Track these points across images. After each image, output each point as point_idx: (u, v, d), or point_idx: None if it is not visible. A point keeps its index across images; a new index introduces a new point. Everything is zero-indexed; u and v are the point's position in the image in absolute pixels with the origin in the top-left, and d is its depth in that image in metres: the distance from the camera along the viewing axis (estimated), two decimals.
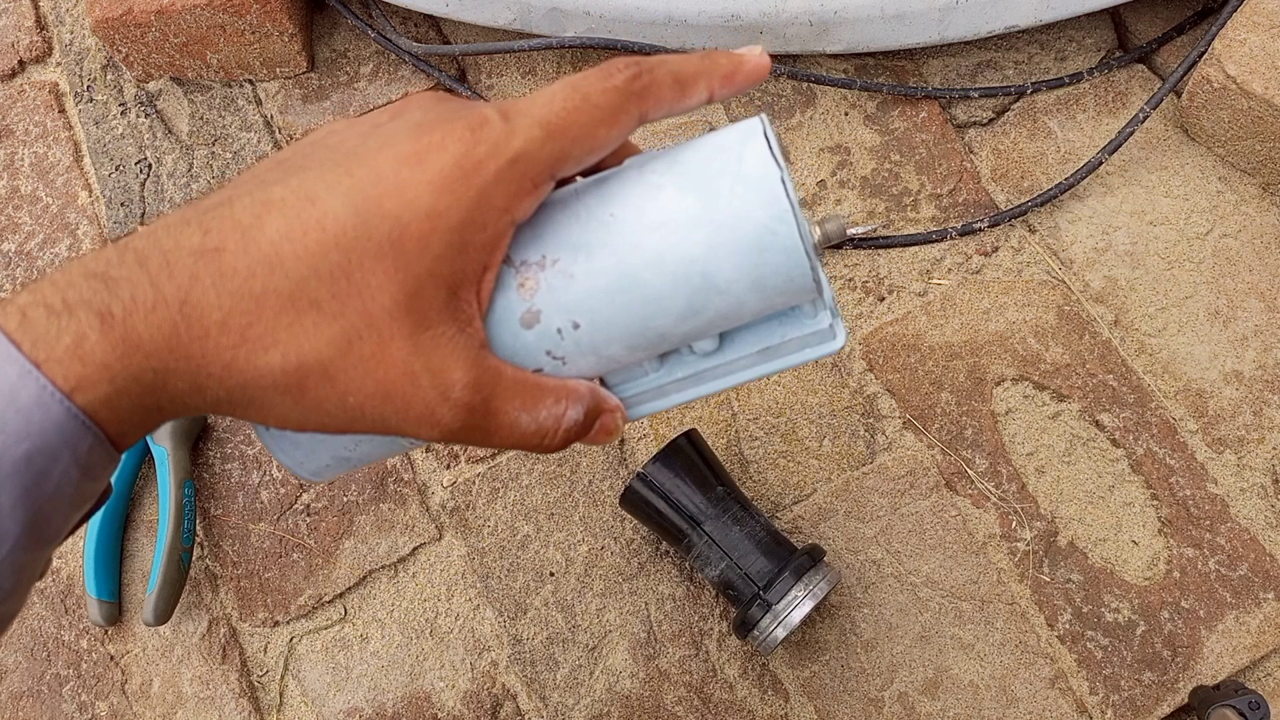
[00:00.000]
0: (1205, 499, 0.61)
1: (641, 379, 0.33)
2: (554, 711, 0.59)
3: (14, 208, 0.73)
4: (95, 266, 0.26)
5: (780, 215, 0.28)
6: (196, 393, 0.27)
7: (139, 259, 0.26)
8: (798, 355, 0.33)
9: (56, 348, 0.25)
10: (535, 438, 0.30)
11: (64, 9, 0.79)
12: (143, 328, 0.26)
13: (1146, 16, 0.75)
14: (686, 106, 0.30)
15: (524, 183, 0.27)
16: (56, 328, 0.25)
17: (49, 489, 0.26)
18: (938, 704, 0.58)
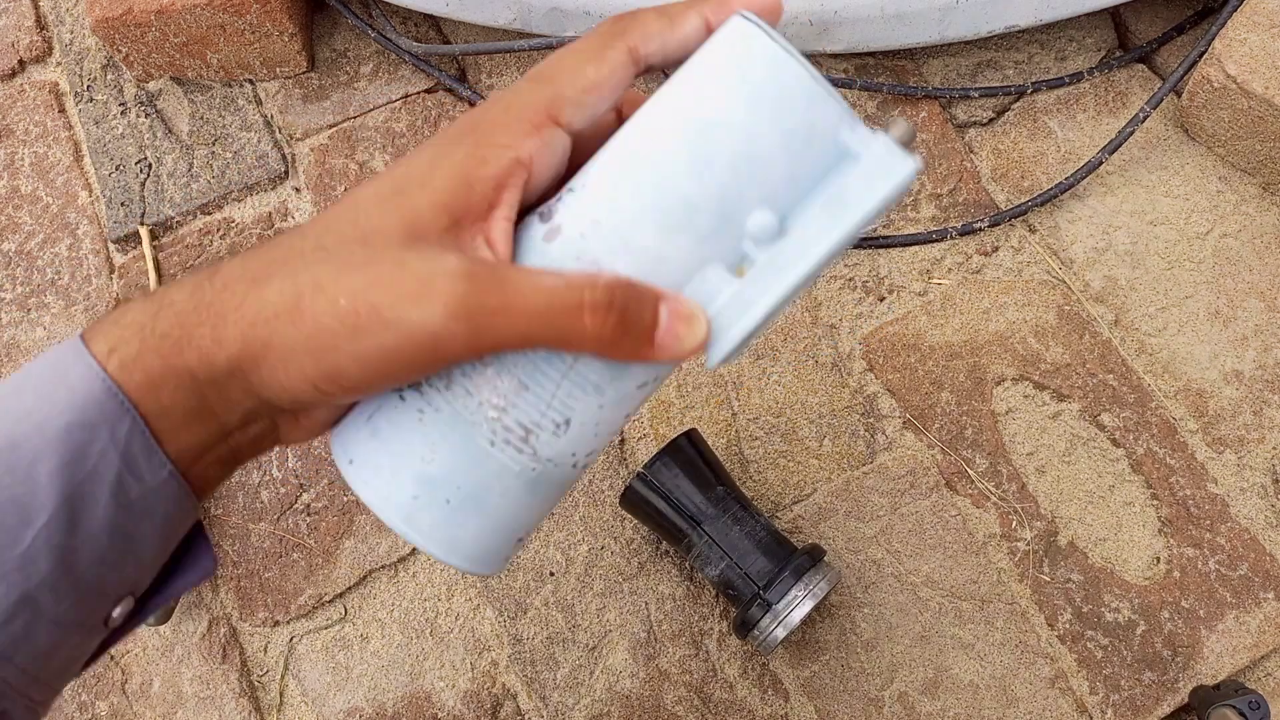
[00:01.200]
0: (1205, 499, 0.61)
1: (717, 292, 0.29)
2: (554, 711, 0.59)
3: (14, 207, 0.73)
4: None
5: (752, 33, 0.28)
6: (217, 345, 0.28)
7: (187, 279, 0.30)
8: (869, 196, 0.28)
9: (102, 322, 0.28)
10: (563, 311, 0.27)
11: (64, 9, 0.79)
12: (175, 291, 0.28)
13: (1146, 16, 0.75)
14: (680, 36, 0.30)
15: (521, 124, 0.28)
16: (109, 315, 0.29)
17: (87, 466, 0.27)
18: (938, 704, 0.58)
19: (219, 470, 0.31)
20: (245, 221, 0.72)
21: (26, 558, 0.27)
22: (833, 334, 0.67)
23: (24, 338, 0.69)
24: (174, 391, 0.28)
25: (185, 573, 0.32)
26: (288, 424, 0.32)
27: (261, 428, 0.31)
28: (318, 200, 0.73)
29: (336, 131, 0.75)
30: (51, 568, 0.27)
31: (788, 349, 0.66)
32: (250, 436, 0.31)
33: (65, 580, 0.28)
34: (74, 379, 0.27)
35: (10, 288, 0.71)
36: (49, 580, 0.27)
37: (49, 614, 0.28)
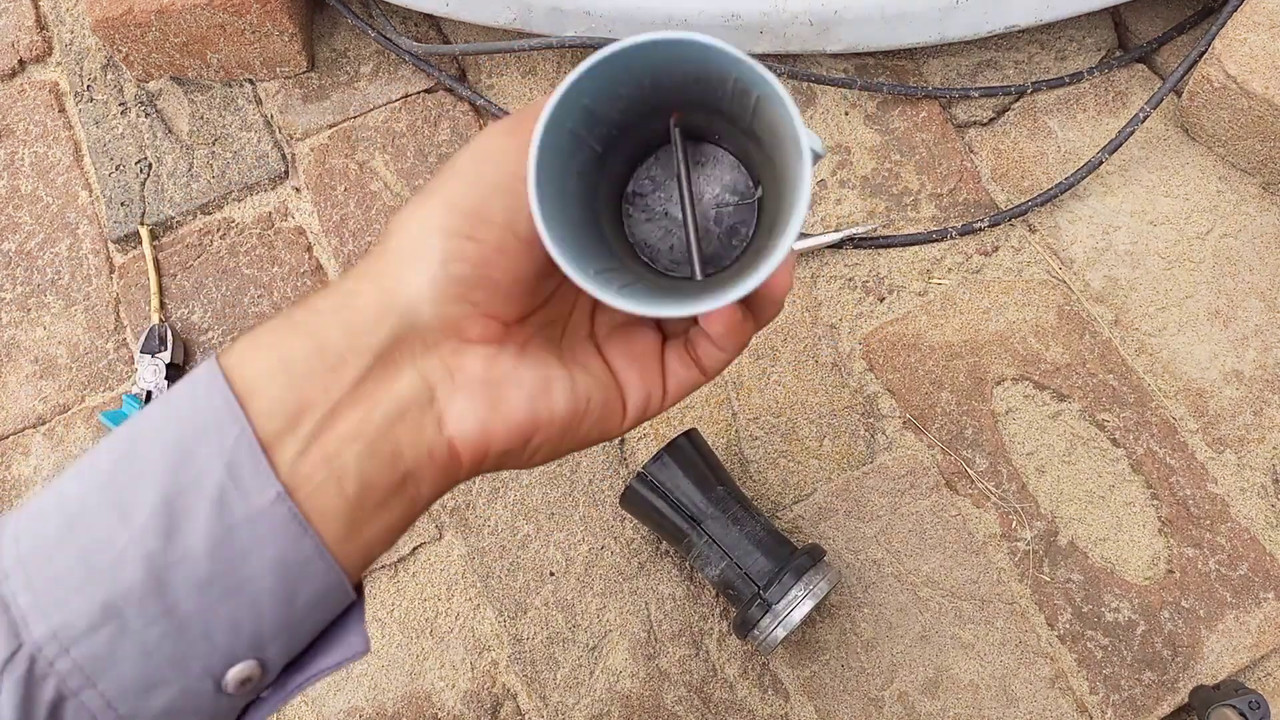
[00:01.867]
0: (1205, 498, 0.61)
1: None
2: (554, 711, 0.59)
3: (14, 207, 0.73)
4: None
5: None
6: (343, 282, 0.29)
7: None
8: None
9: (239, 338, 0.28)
10: None
11: (64, 8, 0.79)
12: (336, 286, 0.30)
13: (1147, 16, 0.75)
14: None
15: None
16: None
17: (190, 473, 0.26)
18: (938, 703, 0.58)
19: (368, 488, 0.28)
20: (245, 221, 0.72)
21: (117, 560, 0.25)
22: (833, 334, 0.67)
23: (24, 338, 0.69)
24: (284, 336, 0.28)
25: (328, 650, 0.29)
26: (444, 381, 0.29)
27: (405, 388, 0.29)
28: (317, 200, 0.73)
29: (336, 131, 0.75)
30: (142, 577, 0.25)
31: (788, 349, 0.66)
32: (396, 404, 0.28)
33: (156, 598, 0.25)
34: (199, 385, 0.27)
35: (10, 288, 0.71)
36: (137, 591, 0.25)
37: (136, 635, 0.25)
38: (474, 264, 0.29)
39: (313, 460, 0.27)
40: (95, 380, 0.68)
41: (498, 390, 0.30)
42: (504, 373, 0.30)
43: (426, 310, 0.28)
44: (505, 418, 0.30)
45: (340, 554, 0.28)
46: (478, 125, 0.74)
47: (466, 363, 0.29)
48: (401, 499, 0.29)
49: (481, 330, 0.29)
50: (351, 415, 0.27)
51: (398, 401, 0.28)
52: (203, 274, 0.70)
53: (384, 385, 0.28)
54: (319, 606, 0.28)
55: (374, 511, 0.28)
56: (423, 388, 0.29)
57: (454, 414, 0.29)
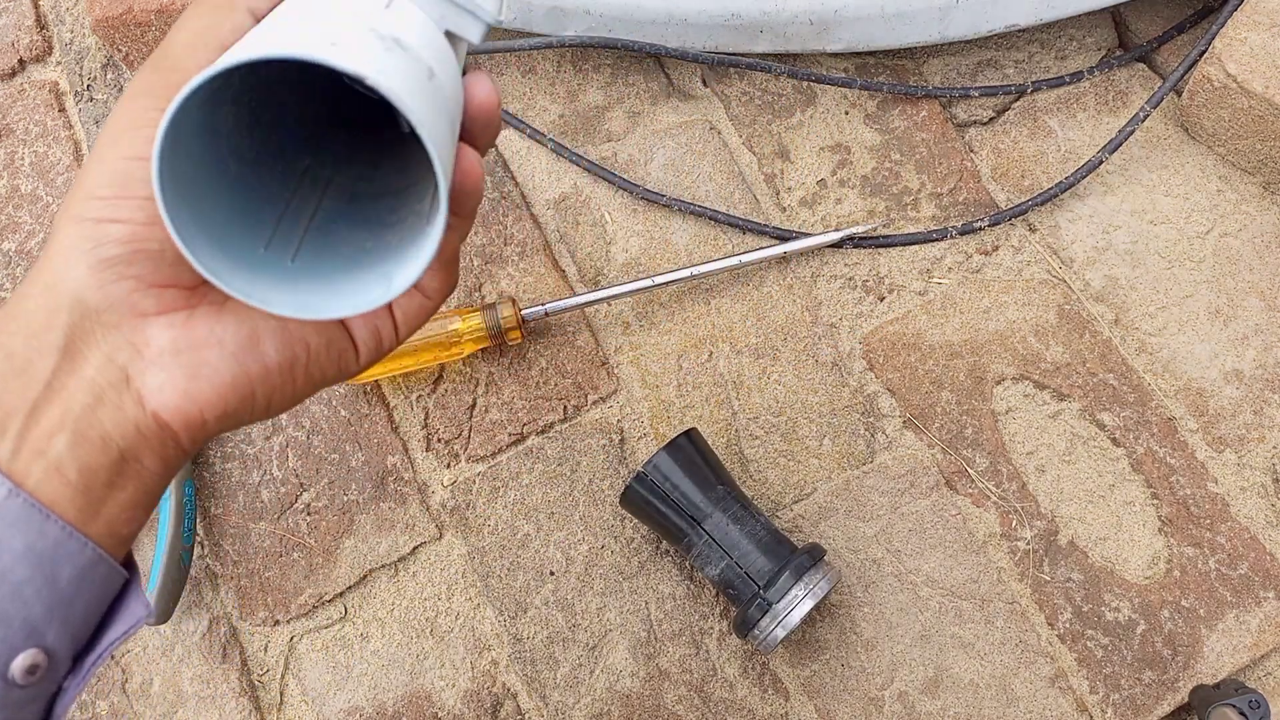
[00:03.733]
0: (1205, 498, 0.61)
1: None
2: (554, 710, 0.59)
3: (14, 207, 0.73)
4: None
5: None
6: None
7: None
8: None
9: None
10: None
11: (64, 8, 0.79)
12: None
13: (1147, 15, 0.75)
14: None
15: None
16: None
17: None
18: (938, 703, 0.58)
19: (89, 471, 0.29)
20: None
21: None
22: (833, 333, 0.67)
23: None
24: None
25: (113, 624, 0.30)
26: (133, 358, 0.30)
27: (98, 372, 0.29)
28: None
29: None
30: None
31: (788, 348, 0.66)
32: (90, 388, 0.29)
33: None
34: None
35: (10, 287, 0.71)
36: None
37: None
38: (123, 243, 0.29)
39: (27, 456, 0.28)
40: None
41: (195, 354, 0.30)
42: (200, 336, 0.30)
43: (92, 296, 0.29)
44: (210, 380, 0.30)
45: (88, 533, 0.29)
46: None
47: (152, 336, 0.30)
48: (128, 477, 0.30)
49: (157, 302, 0.30)
50: (52, 410, 0.28)
51: (91, 388, 0.29)
52: None
53: (74, 376, 0.29)
54: (86, 584, 0.29)
55: (105, 492, 0.29)
56: (113, 369, 0.29)
57: (151, 388, 0.29)
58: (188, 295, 0.30)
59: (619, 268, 0.69)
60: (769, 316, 0.67)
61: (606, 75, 0.75)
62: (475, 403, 0.65)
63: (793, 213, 0.71)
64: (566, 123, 0.74)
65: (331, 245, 0.34)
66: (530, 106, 0.75)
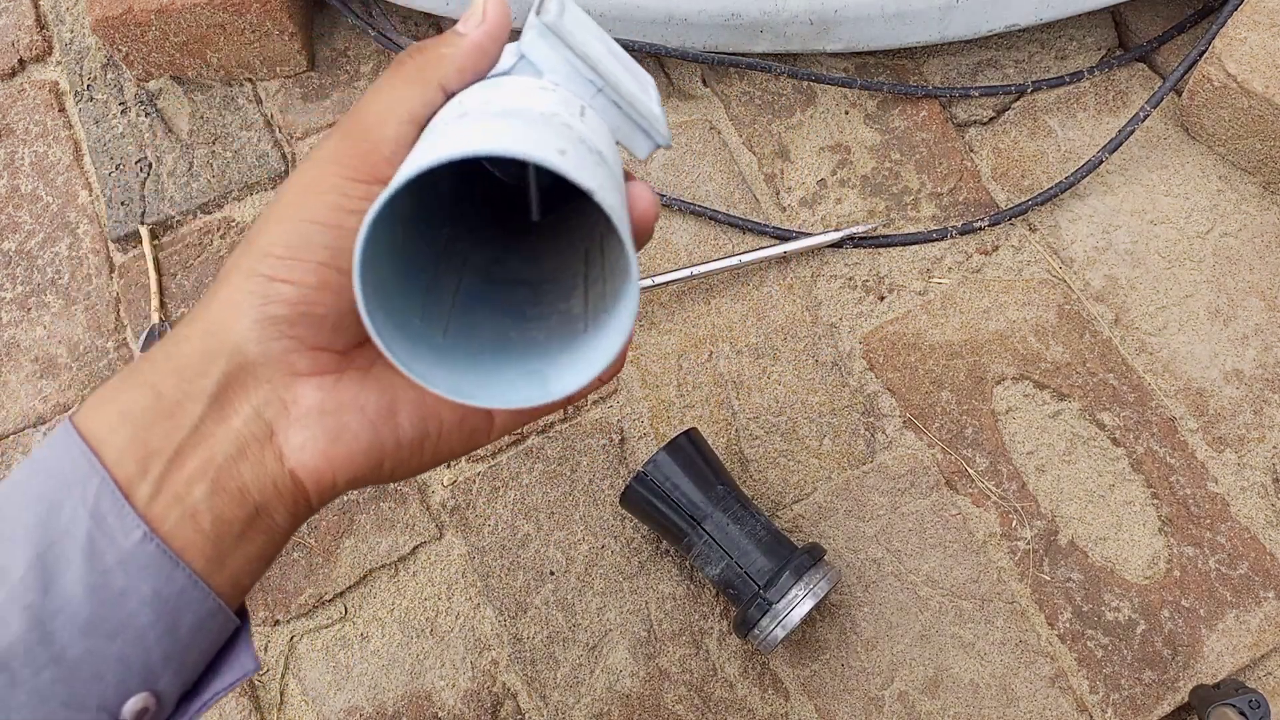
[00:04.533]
0: (1205, 498, 0.61)
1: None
2: (554, 710, 0.59)
3: (14, 206, 0.73)
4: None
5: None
6: (182, 328, 0.30)
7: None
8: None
9: (89, 398, 0.30)
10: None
11: (64, 8, 0.79)
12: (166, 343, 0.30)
13: (1147, 15, 0.75)
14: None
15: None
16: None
17: (59, 526, 0.27)
18: (938, 703, 0.58)
19: (223, 522, 0.29)
20: (245, 221, 0.72)
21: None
22: (833, 333, 0.67)
23: (24, 337, 0.69)
24: (126, 391, 0.29)
25: (221, 673, 0.31)
26: (279, 414, 0.30)
27: (244, 425, 0.30)
28: None
29: None
30: (25, 629, 0.26)
31: (788, 348, 0.66)
32: (235, 440, 0.29)
33: (42, 647, 0.27)
34: (57, 444, 0.28)
35: (10, 287, 0.71)
36: (23, 643, 0.26)
37: (27, 684, 0.27)
38: (292, 304, 0.29)
39: (165, 501, 0.28)
40: (95, 380, 0.68)
41: (338, 418, 0.31)
42: (344, 401, 0.31)
43: (252, 349, 0.29)
44: (348, 445, 0.31)
45: (212, 583, 0.29)
46: None
47: (301, 395, 0.30)
48: (258, 530, 0.30)
49: (311, 363, 0.30)
50: (195, 457, 0.29)
51: (236, 439, 0.29)
52: (203, 273, 0.70)
53: (222, 425, 0.29)
54: (203, 633, 0.30)
55: (234, 544, 0.30)
56: (259, 423, 0.30)
57: (292, 447, 0.30)
58: (338, 360, 0.31)
59: None
60: (769, 316, 0.67)
61: None
62: None
63: (793, 212, 0.71)
64: None
65: (476, 325, 0.35)
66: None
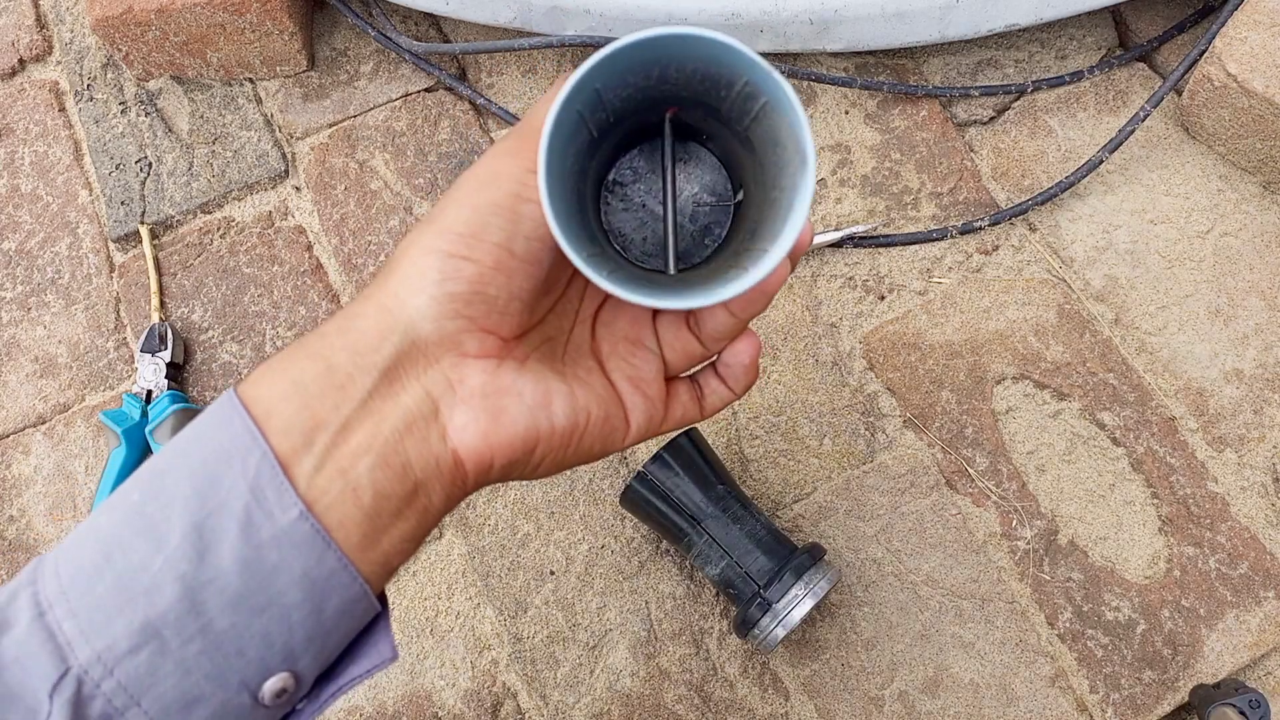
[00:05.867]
0: (1206, 497, 0.61)
1: None
2: (554, 710, 0.59)
3: (14, 206, 0.73)
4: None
5: None
6: (354, 306, 0.30)
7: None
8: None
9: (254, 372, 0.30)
10: None
11: (64, 8, 0.79)
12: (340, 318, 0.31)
13: (1147, 15, 0.75)
14: None
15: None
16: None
17: (217, 497, 0.27)
18: (938, 702, 0.58)
19: (382, 498, 0.29)
20: (245, 220, 0.72)
21: (153, 584, 0.27)
22: (833, 333, 0.67)
23: (24, 337, 0.69)
24: (298, 361, 0.29)
25: (358, 659, 0.31)
26: (445, 392, 0.30)
27: (411, 401, 0.30)
28: (318, 199, 0.73)
29: (336, 130, 0.75)
30: (177, 598, 0.27)
31: (788, 348, 0.66)
32: (403, 417, 0.29)
33: (192, 617, 0.27)
34: (222, 413, 0.28)
35: (10, 287, 0.71)
36: (174, 612, 0.27)
37: (175, 654, 0.27)
38: (470, 282, 0.30)
39: (328, 474, 0.28)
40: (95, 379, 0.68)
41: (498, 402, 0.31)
42: (504, 385, 0.31)
43: (426, 327, 0.30)
44: (506, 428, 0.31)
45: (361, 564, 0.29)
46: (478, 124, 0.74)
47: (467, 376, 0.31)
48: (414, 509, 0.30)
49: (480, 345, 0.31)
50: (361, 430, 0.29)
51: (404, 414, 0.29)
52: (203, 273, 0.70)
53: (390, 400, 0.29)
54: (346, 617, 0.29)
55: (390, 521, 0.29)
56: (427, 401, 0.30)
57: (456, 425, 0.30)
58: (501, 346, 0.31)
59: None
60: (769, 316, 0.67)
61: None
62: None
63: None
64: None
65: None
66: (530, 106, 0.74)
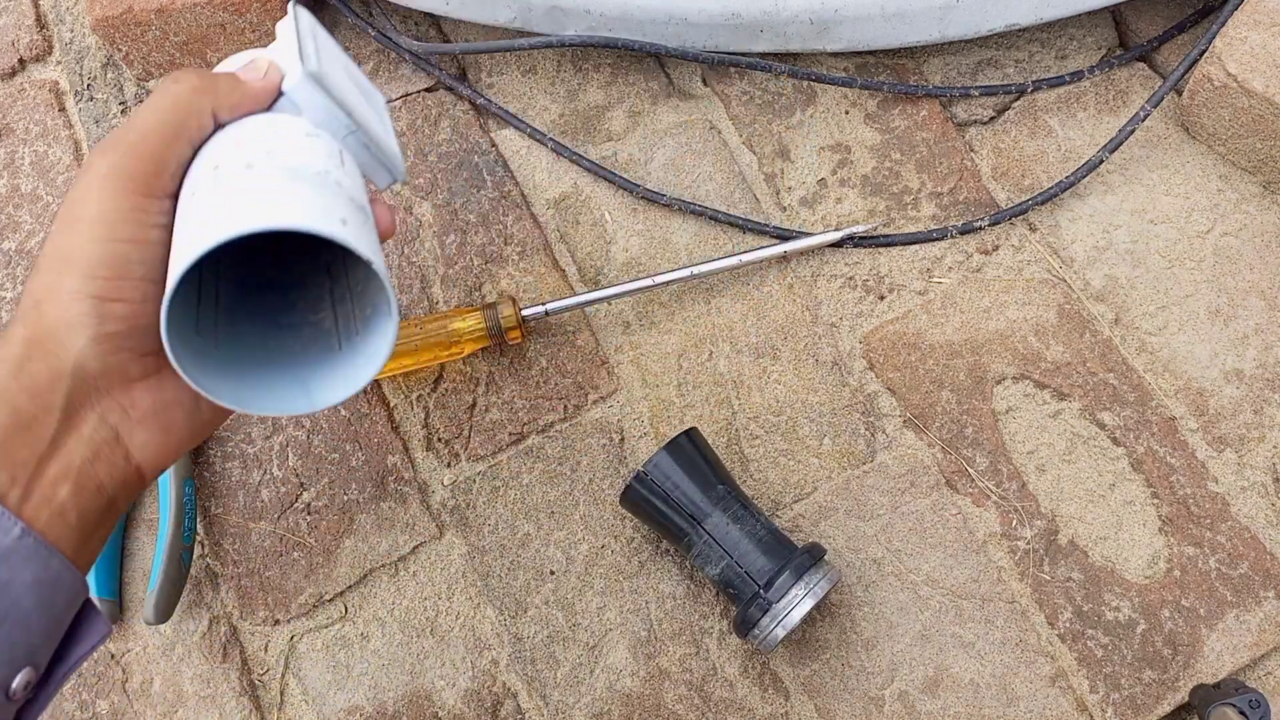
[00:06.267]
0: (1206, 497, 0.61)
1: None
2: (554, 710, 0.59)
3: (14, 206, 0.73)
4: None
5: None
6: (8, 341, 0.34)
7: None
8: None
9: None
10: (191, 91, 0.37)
11: (64, 7, 0.79)
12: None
13: (1147, 15, 0.75)
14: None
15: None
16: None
17: None
18: (938, 702, 0.58)
19: (72, 501, 0.34)
20: None
21: None
22: (833, 333, 0.67)
23: None
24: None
25: (80, 640, 0.35)
26: (122, 420, 0.36)
27: (95, 431, 0.35)
28: None
29: None
30: None
31: (788, 348, 0.66)
32: (90, 445, 0.34)
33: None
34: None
35: (11, 287, 0.71)
36: None
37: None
38: (124, 320, 0.34)
39: (35, 502, 0.33)
40: None
41: (167, 417, 0.37)
42: (168, 399, 0.37)
43: (92, 365, 0.34)
44: (176, 436, 0.37)
45: (79, 564, 0.34)
46: (478, 124, 0.74)
47: (137, 400, 0.36)
48: (112, 516, 0.36)
49: (141, 368, 0.36)
50: (56, 463, 0.34)
51: (90, 445, 0.35)
52: None
53: (74, 434, 0.34)
54: (70, 609, 0.34)
55: (94, 529, 0.35)
56: (105, 429, 0.35)
57: (136, 445, 0.36)
58: (157, 359, 0.36)
59: (619, 267, 0.69)
60: (769, 316, 0.67)
61: (606, 75, 0.75)
62: (475, 402, 0.65)
63: (793, 212, 0.71)
64: (566, 122, 0.74)
65: (241, 334, 0.40)
66: (530, 106, 0.74)
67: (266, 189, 0.34)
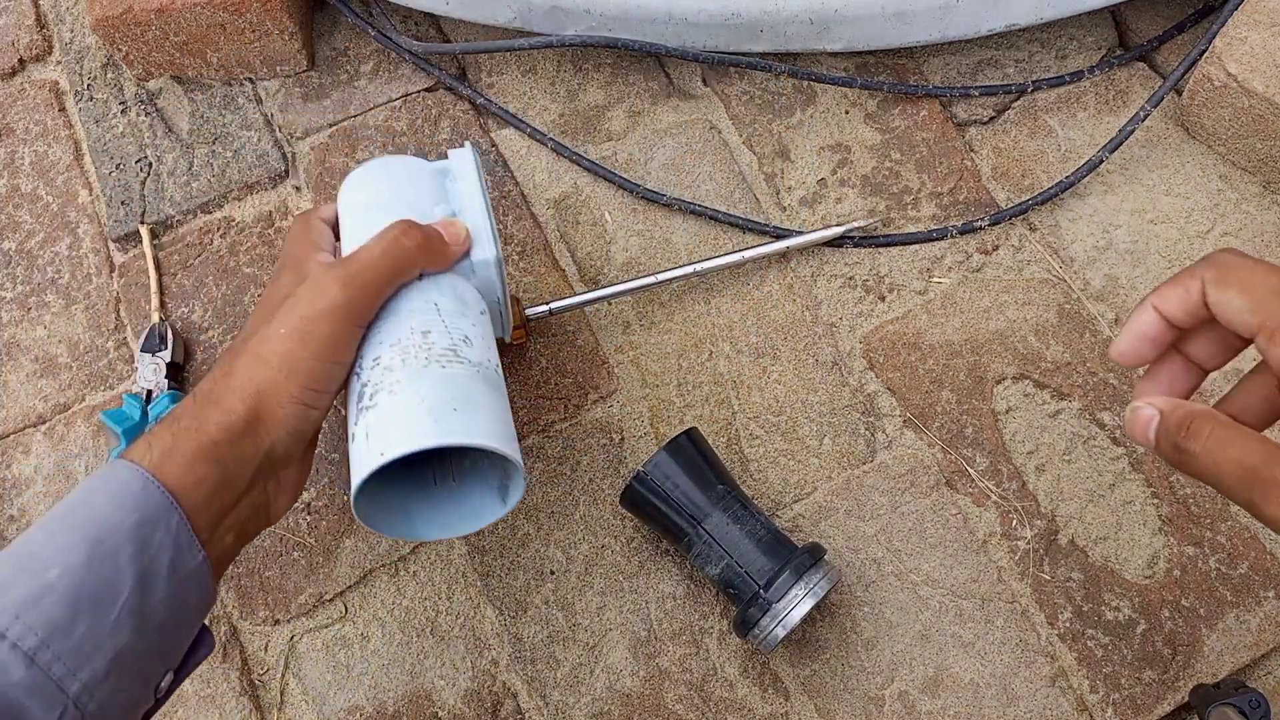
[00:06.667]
0: (1206, 497, 0.61)
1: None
2: (554, 710, 0.59)
3: (14, 206, 0.73)
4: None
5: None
6: (228, 413, 0.42)
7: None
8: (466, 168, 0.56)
9: (136, 442, 0.41)
10: (393, 244, 0.46)
11: (64, 7, 0.79)
12: (180, 405, 0.44)
13: (1147, 15, 0.75)
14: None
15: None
16: (140, 437, 0.42)
17: (151, 552, 0.38)
18: (938, 702, 0.58)
19: (230, 546, 0.43)
20: (246, 220, 0.72)
21: (116, 625, 0.36)
22: (833, 333, 0.67)
23: (24, 337, 0.69)
24: (203, 466, 0.40)
25: (196, 651, 0.43)
26: (275, 488, 0.46)
27: (259, 496, 0.45)
28: (318, 199, 0.72)
29: (337, 130, 0.75)
30: (131, 634, 0.36)
31: (788, 347, 0.66)
32: (253, 505, 0.44)
33: (140, 643, 0.37)
34: (135, 487, 0.38)
35: (10, 286, 0.71)
36: (129, 644, 0.36)
37: (129, 673, 0.37)
38: (314, 423, 0.45)
39: (212, 544, 0.42)
40: (95, 379, 0.68)
41: (299, 484, 0.48)
42: (304, 472, 0.48)
43: (279, 451, 0.44)
44: (295, 497, 0.48)
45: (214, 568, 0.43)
46: (478, 124, 0.74)
47: (289, 474, 0.47)
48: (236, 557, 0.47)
49: (300, 453, 0.46)
50: (232, 516, 0.43)
51: (253, 506, 0.45)
52: (203, 273, 0.70)
53: (248, 498, 0.44)
54: (201, 620, 0.42)
55: (228, 567, 0.45)
56: (265, 495, 0.46)
57: (276, 507, 0.47)
58: (308, 447, 0.48)
59: (619, 267, 0.69)
60: (769, 316, 0.67)
61: (606, 75, 0.75)
62: None
63: (793, 212, 0.71)
64: (566, 122, 0.74)
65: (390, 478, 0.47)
66: (530, 106, 0.75)
67: (464, 395, 0.44)
